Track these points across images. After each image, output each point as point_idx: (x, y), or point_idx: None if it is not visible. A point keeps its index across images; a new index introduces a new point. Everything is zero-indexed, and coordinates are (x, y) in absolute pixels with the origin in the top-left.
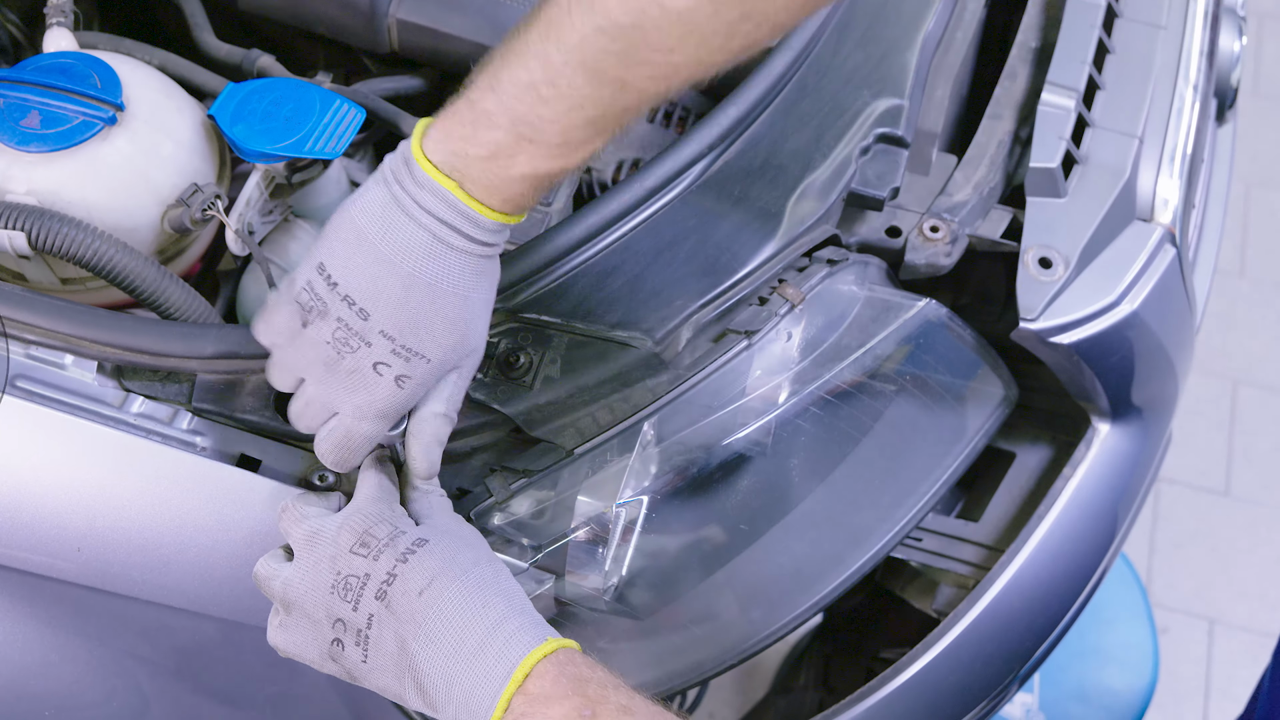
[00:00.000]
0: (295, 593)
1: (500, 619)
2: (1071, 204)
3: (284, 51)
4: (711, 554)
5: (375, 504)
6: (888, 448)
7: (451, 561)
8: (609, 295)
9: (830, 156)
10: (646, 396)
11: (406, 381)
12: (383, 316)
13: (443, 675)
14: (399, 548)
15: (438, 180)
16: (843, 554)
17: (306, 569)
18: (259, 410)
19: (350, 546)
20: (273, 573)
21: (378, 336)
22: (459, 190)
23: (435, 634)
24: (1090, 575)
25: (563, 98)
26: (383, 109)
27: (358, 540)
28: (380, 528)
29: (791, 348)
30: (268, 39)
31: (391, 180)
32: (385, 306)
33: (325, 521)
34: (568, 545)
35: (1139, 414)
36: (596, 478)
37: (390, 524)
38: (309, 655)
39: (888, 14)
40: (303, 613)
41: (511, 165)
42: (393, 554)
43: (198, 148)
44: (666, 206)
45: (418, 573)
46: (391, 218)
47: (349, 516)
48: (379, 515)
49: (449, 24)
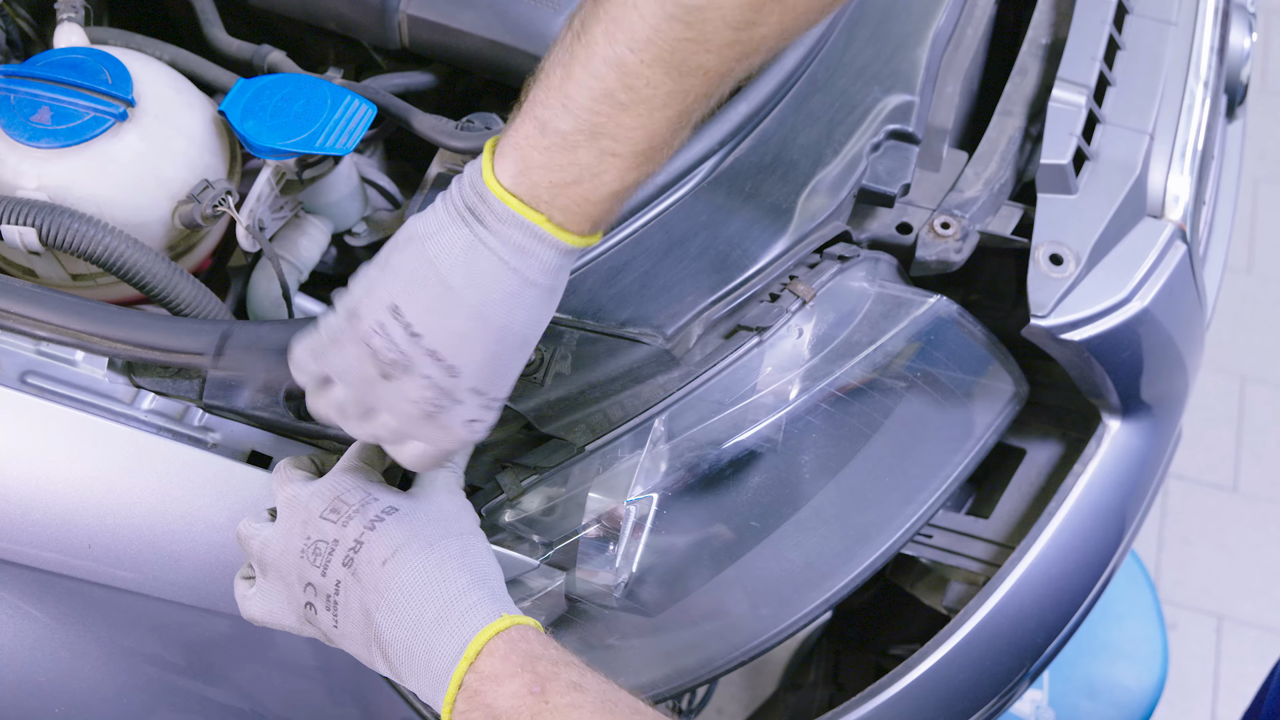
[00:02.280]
0: (270, 554)
1: (459, 593)
2: (1082, 200)
3: (295, 47)
4: (722, 551)
5: (353, 472)
6: (898, 444)
7: (417, 533)
8: (620, 291)
9: (841, 153)
10: (657, 393)
11: (489, 426)
12: (473, 374)
13: (404, 646)
14: (368, 515)
15: (523, 214)
16: (853, 550)
17: (282, 532)
18: (270, 407)
19: (321, 512)
20: (253, 532)
21: (469, 394)
22: (548, 224)
23: (396, 605)
24: (1100, 572)
25: (643, 101)
26: (393, 105)
27: (329, 505)
28: (353, 494)
29: (802, 344)
30: (278, 35)
31: (470, 218)
32: (476, 364)
33: (304, 486)
34: (578, 542)
35: (1149, 410)
36: (607, 474)
37: (364, 491)
38: (286, 620)
39: (899, 10)
40: (277, 574)
41: (599, 186)
42: (361, 521)
43: (208, 143)
44: (678, 203)
45: (383, 541)
46: (477, 262)
47: (325, 481)
48: (353, 483)
49: (460, 20)
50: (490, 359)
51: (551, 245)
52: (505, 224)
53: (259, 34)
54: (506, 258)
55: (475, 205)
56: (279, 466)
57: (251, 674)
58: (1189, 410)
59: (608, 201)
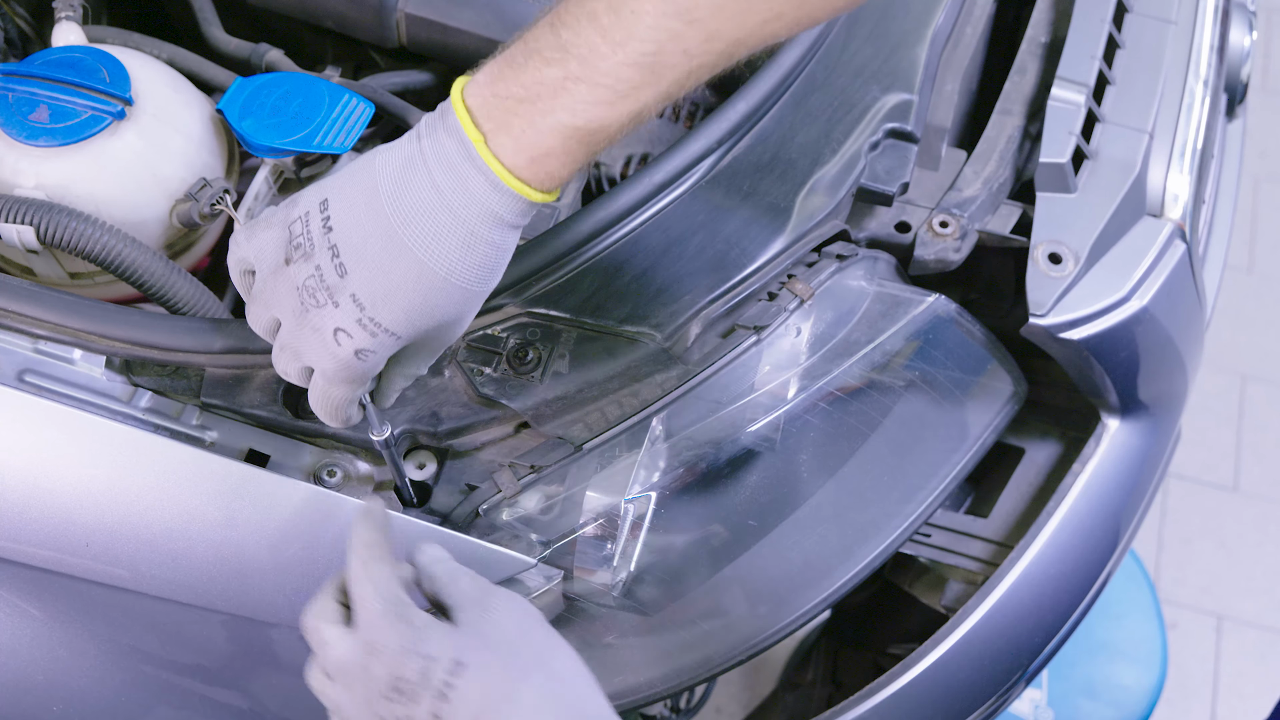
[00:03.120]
0: (345, 710)
1: None
2: (1081, 199)
3: (292, 46)
4: (720, 549)
5: (389, 626)
6: (896, 443)
7: (494, 686)
8: (618, 290)
9: (839, 151)
10: (655, 392)
11: (368, 355)
12: (360, 279)
13: None
14: (433, 683)
15: (465, 127)
16: (851, 549)
17: (349, 702)
18: (267, 405)
19: (383, 691)
20: (322, 686)
21: (347, 300)
22: (483, 145)
23: None
24: (1099, 571)
25: (623, 26)
26: (391, 103)
27: (389, 685)
28: (407, 665)
29: (800, 343)
30: (276, 33)
31: (424, 131)
32: (366, 269)
33: (343, 644)
34: (576, 541)
35: (1148, 410)
36: (605, 473)
37: (416, 654)
38: None
39: (897, 9)
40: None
41: (550, 111)
42: (429, 694)
43: (206, 142)
44: (675, 201)
45: (463, 710)
46: (408, 176)
47: (369, 652)
48: (399, 647)
49: (458, 18)
50: (382, 272)
51: (481, 172)
52: (447, 135)
53: (257, 32)
54: (435, 174)
55: (433, 118)
56: (306, 623)
57: (250, 673)
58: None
59: (553, 137)
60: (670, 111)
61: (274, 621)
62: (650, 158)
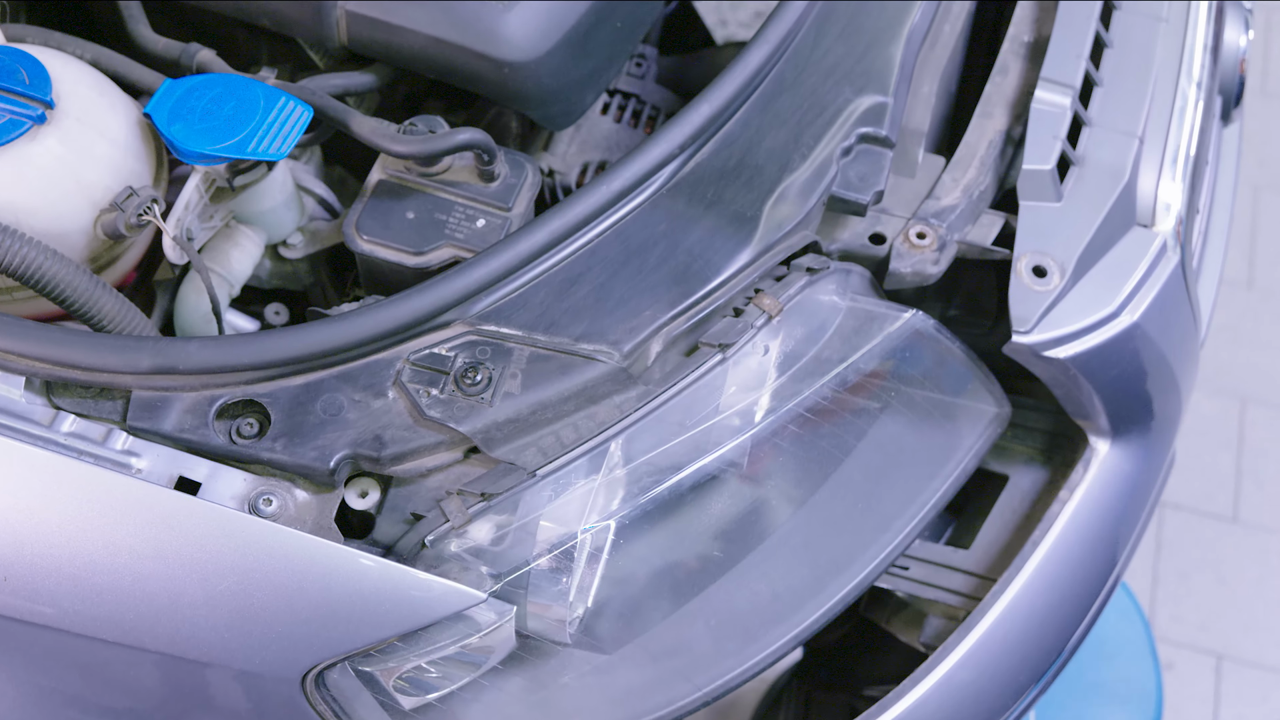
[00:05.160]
0: None
1: None
2: (1067, 208)
3: (225, 46)
4: (683, 583)
5: None
6: (871, 469)
7: None
8: (573, 306)
9: (809, 157)
10: (614, 414)
11: None
12: None
13: None
14: None
15: None
16: (823, 583)
17: None
18: (199, 428)
19: None
20: None
21: None
22: None
23: None
24: (1089, 606)
25: None
26: (331, 107)
27: None
28: None
29: (769, 362)
30: (208, 32)
31: None
32: None
33: None
34: (530, 574)
35: (1140, 433)
36: (560, 501)
37: None
38: None
39: (871, 6)
40: None
41: None
42: None
43: (133, 148)
44: (635, 211)
45: None
46: None
47: None
48: None
49: (402, 16)
50: None
51: None
52: None
53: (187, 31)
54: None
55: None
56: None
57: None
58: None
59: None
60: (629, 115)
61: (208, 661)
62: (608, 164)
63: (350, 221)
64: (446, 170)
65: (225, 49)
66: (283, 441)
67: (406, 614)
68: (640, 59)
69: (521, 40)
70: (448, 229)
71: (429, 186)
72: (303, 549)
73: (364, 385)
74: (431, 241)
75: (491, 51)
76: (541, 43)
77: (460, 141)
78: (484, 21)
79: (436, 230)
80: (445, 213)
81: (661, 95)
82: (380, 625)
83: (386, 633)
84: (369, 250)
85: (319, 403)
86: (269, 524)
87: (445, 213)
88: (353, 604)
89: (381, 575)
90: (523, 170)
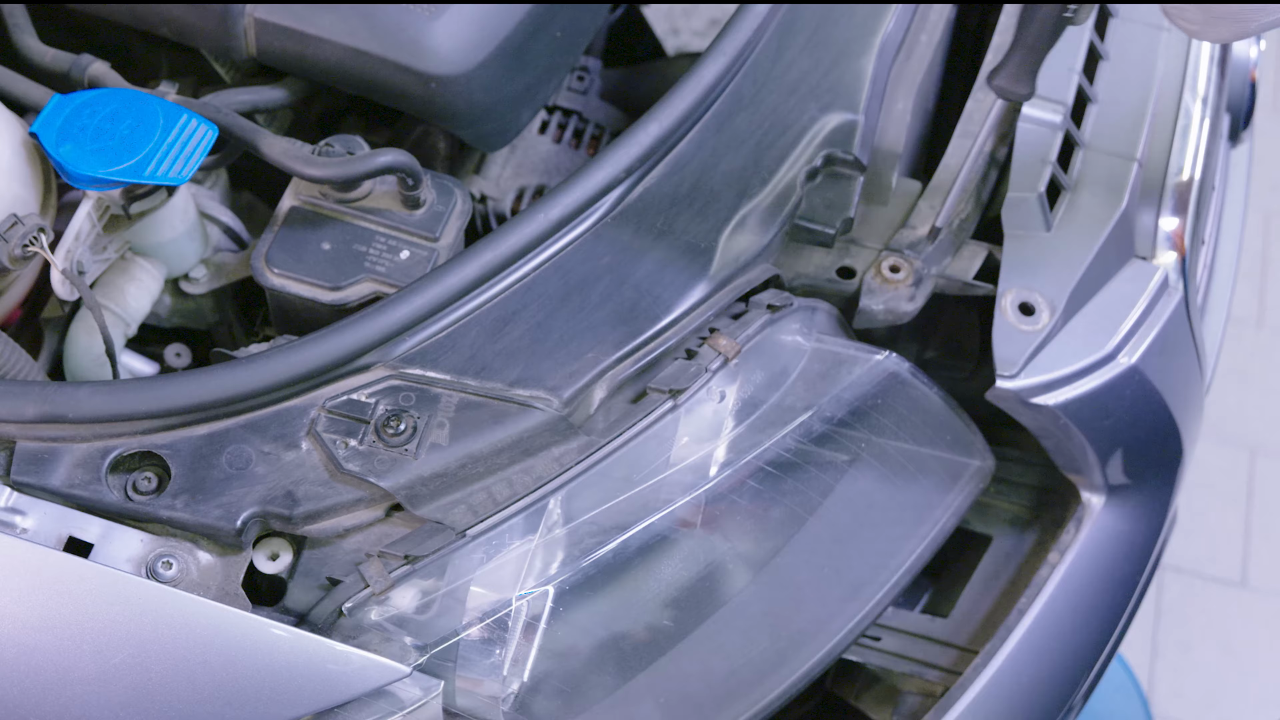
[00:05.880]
0: None
1: None
2: (1057, 239)
3: (121, 57)
4: (630, 656)
5: None
6: (839, 529)
7: None
8: (507, 347)
9: (770, 182)
10: (553, 467)
11: None
12: None
13: None
14: None
15: None
16: (785, 655)
17: None
18: (90, 484)
19: None
20: None
21: None
22: None
23: None
24: (1081, 682)
25: None
26: (238, 126)
27: None
28: None
29: (725, 410)
30: (102, 43)
31: None
32: None
33: None
34: (459, 645)
35: (1138, 489)
36: (493, 564)
37: None
38: None
39: (839, 13)
40: None
41: None
42: None
43: (17, 171)
44: (576, 242)
45: None
46: None
47: None
48: None
49: (318, 24)
50: None
51: None
52: None
53: (78, 41)
54: None
55: None
56: None
57: None
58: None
59: None
60: (570, 135)
61: None
62: (546, 189)
63: (259, 253)
64: (367, 196)
65: (121, 61)
66: (184, 498)
67: (322, 690)
68: (582, 72)
69: (450, 51)
70: (368, 261)
71: (347, 214)
72: (206, 618)
73: (274, 436)
74: (350, 275)
75: (417, 64)
76: (472, 54)
77: (382, 164)
78: (408, 31)
79: (355, 263)
80: (365, 243)
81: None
82: (293, 703)
83: (300, 711)
84: (280, 285)
85: (224, 455)
86: (168, 590)
87: (365, 243)
88: (262, 679)
89: (294, 647)
90: (451, 196)
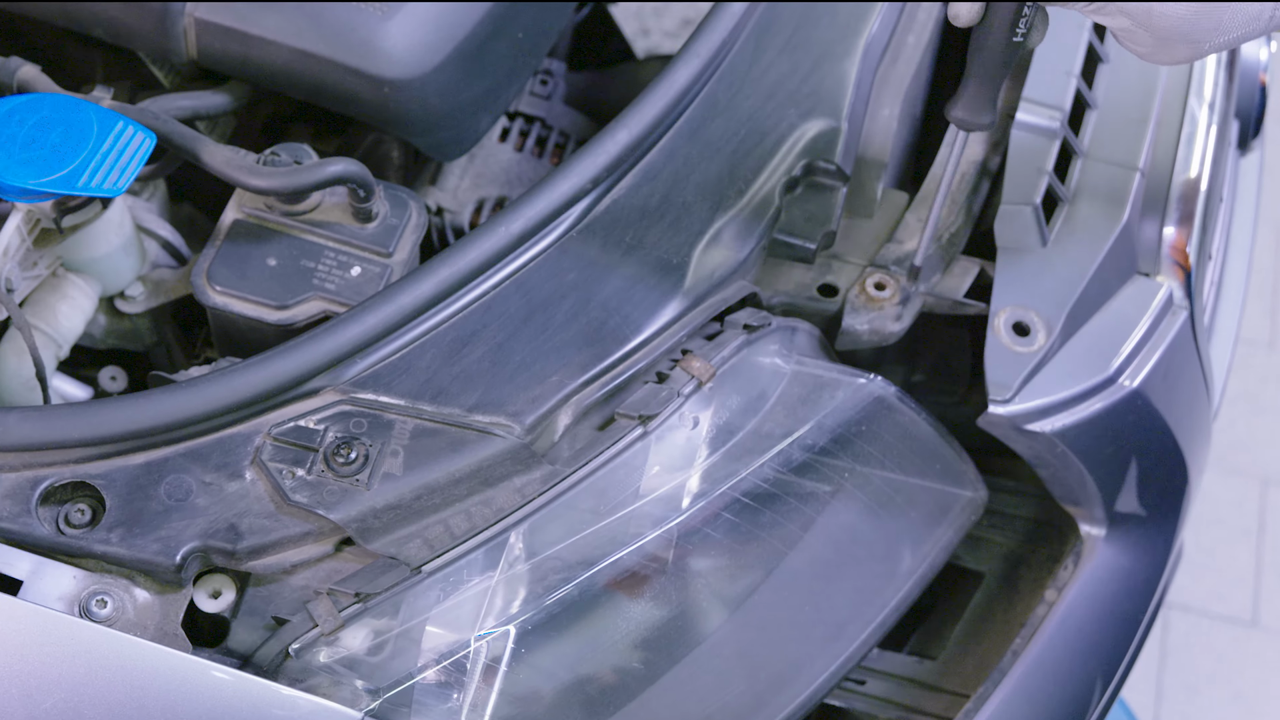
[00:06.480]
0: None
1: None
2: (1054, 254)
3: (52, 60)
4: (597, 700)
5: None
6: (821, 565)
7: None
8: (466, 370)
9: (747, 193)
10: (514, 499)
11: None
12: None
13: None
14: None
15: None
16: (764, 699)
17: None
18: (18, 516)
19: None
20: None
21: None
22: None
23: None
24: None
25: None
26: (178, 134)
27: None
28: None
29: (698, 437)
30: (31, 44)
31: None
32: None
33: None
34: (413, 689)
35: (1140, 521)
36: (450, 603)
37: None
38: None
39: (820, 13)
40: None
41: None
42: None
43: None
44: (540, 257)
45: None
46: None
47: None
48: None
49: (262, 25)
50: None
51: None
52: None
53: (6, 43)
54: None
55: None
56: None
57: None
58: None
59: None
60: (533, 143)
61: None
62: (507, 201)
63: (200, 270)
64: (315, 209)
65: (52, 64)
66: (120, 531)
67: None
68: (546, 76)
69: (404, 54)
70: (316, 278)
71: (294, 228)
72: (143, 659)
73: (216, 465)
74: (297, 293)
75: (368, 67)
76: (428, 57)
77: (331, 174)
78: (359, 31)
79: (303, 280)
80: (314, 259)
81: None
82: None
83: None
84: (222, 304)
85: (163, 485)
86: (103, 629)
87: (314, 259)
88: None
89: (237, 691)
90: (405, 208)
